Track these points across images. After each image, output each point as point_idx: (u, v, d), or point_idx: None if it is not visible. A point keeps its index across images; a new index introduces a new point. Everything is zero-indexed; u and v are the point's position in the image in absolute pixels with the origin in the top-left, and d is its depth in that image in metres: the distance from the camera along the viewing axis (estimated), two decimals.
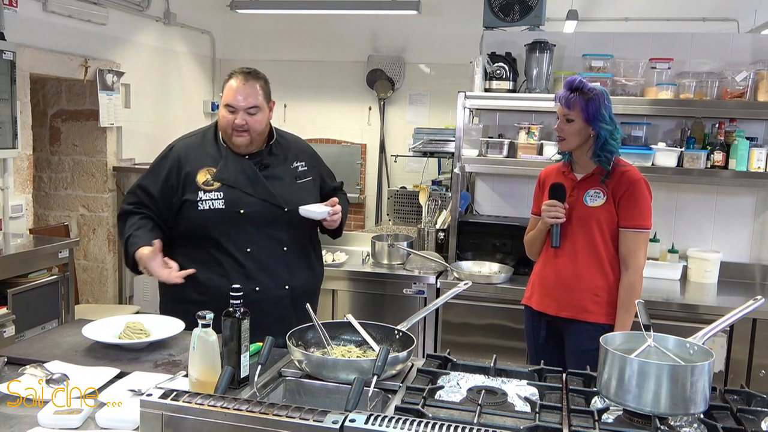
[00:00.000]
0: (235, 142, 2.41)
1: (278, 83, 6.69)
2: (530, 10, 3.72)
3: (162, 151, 2.51)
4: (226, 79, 2.42)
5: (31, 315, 3.46)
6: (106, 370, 1.80)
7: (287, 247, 2.44)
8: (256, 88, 2.41)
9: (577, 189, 2.57)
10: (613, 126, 2.50)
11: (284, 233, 2.43)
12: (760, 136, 3.54)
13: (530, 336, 2.73)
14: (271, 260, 2.39)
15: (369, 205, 6.67)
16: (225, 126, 2.40)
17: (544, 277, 2.65)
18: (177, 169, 2.40)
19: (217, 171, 2.39)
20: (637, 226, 2.50)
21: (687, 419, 1.57)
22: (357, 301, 3.60)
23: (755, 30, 5.13)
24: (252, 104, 2.38)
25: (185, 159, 2.41)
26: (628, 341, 1.73)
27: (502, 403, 1.62)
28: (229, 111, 2.37)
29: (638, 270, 2.50)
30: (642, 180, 2.53)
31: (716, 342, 3.05)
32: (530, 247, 2.78)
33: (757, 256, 3.67)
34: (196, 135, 2.53)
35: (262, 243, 2.39)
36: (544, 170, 2.78)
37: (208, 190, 2.36)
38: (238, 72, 2.41)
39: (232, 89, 2.37)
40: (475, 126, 3.79)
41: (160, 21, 5.65)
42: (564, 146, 2.58)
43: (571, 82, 2.51)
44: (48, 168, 5.23)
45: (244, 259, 2.36)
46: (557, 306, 2.59)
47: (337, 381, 1.76)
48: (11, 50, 3.90)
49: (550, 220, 2.54)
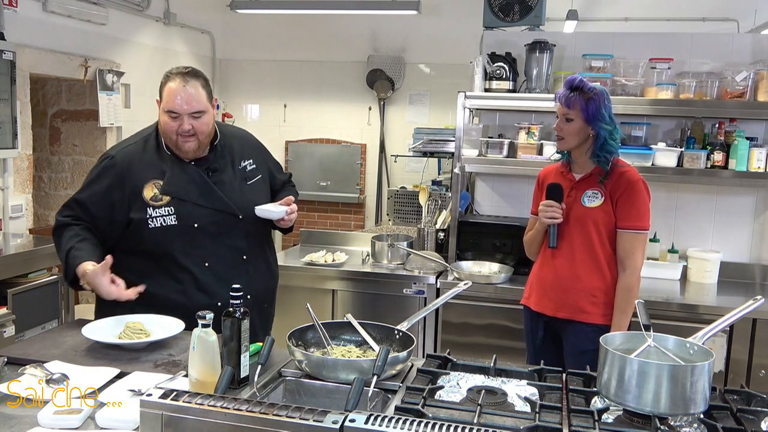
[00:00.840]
0: (183, 149, 2.22)
1: (278, 83, 6.81)
2: (530, 10, 3.72)
3: (98, 162, 2.29)
4: (163, 81, 2.21)
5: (31, 315, 3.46)
6: (106, 370, 1.80)
7: (246, 255, 2.33)
8: (199, 89, 2.19)
9: (575, 189, 2.57)
10: (613, 126, 2.49)
11: (241, 241, 2.31)
12: (760, 136, 3.54)
13: (529, 336, 2.73)
14: (230, 271, 2.26)
15: (369, 205, 6.68)
16: (169, 133, 2.21)
17: (542, 278, 2.65)
18: (119, 184, 2.21)
19: (164, 184, 2.22)
20: (635, 227, 2.49)
21: (687, 419, 1.57)
22: (357, 301, 3.60)
23: (755, 30, 5.14)
24: (196, 108, 2.18)
25: (128, 172, 2.22)
26: (628, 341, 1.73)
27: (502, 403, 1.62)
28: (171, 117, 2.18)
29: (635, 271, 2.50)
30: (640, 181, 2.52)
31: (716, 342, 3.05)
32: (529, 247, 2.78)
33: (757, 256, 3.67)
34: (135, 143, 2.31)
35: (220, 255, 2.27)
36: (543, 170, 2.78)
37: (158, 206, 2.20)
38: (175, 73, 2.20)
39: (172, 93, 2.16)
40: (475, 126, 3.79)
41: (160, 21, 5.66)
42: (563, 145, 2.57)
43: (571, 82, 2.51)
44: (48, 168, 5.23)
45: (202, 275, 2.24)
46: (555, 306, 2.59)
47: (337, 381, 1.75)
48: (11, 50, 3.91)
49: (547, 221, 2.54)
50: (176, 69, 2.23)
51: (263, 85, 6.67)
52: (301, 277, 3.63)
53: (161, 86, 2.22)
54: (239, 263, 2.32)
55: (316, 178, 6.62)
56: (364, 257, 3.78)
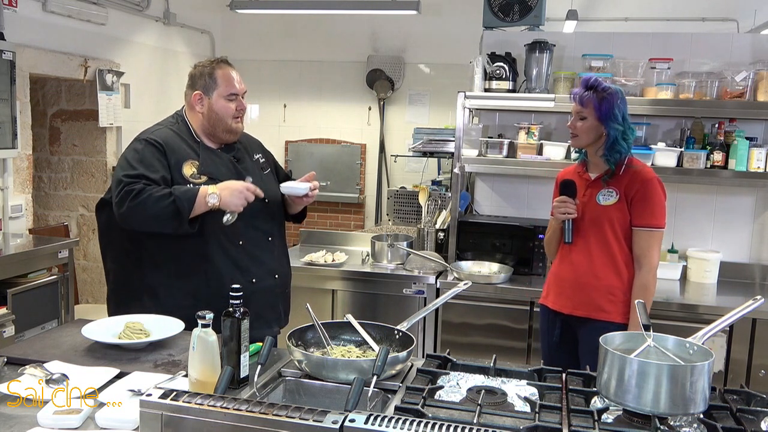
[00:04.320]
0: (237, 130, 2.41)
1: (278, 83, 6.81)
2: (530, 10, 3.72)
3: (137, 143, 2.31)
4: (208, 72, 2.36)
5: (31, 315, 3.46)
6: (105, 370, 1.80)
7: (272, 237, 2.46)
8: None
9: (590, 188, 2.59)
10: (626, 127, 2.51)
11: (267, 223, 2.44)
12: (759, 136, 3.54)
13: (545, 336, 2.73)
14: (259, 252, 2.40)
15: (369, 205, 6.68)
16: (226, 117, 2.36)
17: (560, 276, 2.66)
18: (165, 159, 2.27)
19: (201, 164, 2.31)
20: (650, 225, 2.51)
21: (687, 419, 1.57)
22: (357, 301, 3.60)
23: (755, 30, 5.13)
24: (245, 88, 2.43)
25: (168, 149, 2.29)
26: (627, 341, 1.73)
27: (501, 403, 1.62)
28: (230, 100, 2.36)
29: (652, 269, 2.52)
30: (655, 179, 2.54)
31: (716, 342, 3.05)
32: (548, 247, 2.81)
33: (756, 256, 3.67)
34: (164, 128, 2.39)
35: (251, 235, 2.38)
36: (562, 171, 2.80)
37: (197, 184, 2.26)
38: (220, 61, 2.40)
39: (229, 77, 2.36)
40: (475, 126, 3.79)
41: (159, 21, 5.66)
42: (575, 143, 2.62)
43: (587, 80, 2.54)
44: (48, 168, 5.23)
45: (237, 253, 2.34)
46: (572, 305, 2.60)
47: (337, 381, 1.75)
48: (11, 50, 3.91)
49: (561, 216, 2.57)
50: (211, 59, 2.42)
51: (263, 85, 6.67)
52: (301, 277, 3.62)
53: (204, 77, 2.36)
54: (266, 244, 2.43)
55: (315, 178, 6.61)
56: (364, 257, 3.78)
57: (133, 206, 2.14)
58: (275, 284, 2.45)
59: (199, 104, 2.38)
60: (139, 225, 2.20)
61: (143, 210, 2.14)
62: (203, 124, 2.39)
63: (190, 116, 2.42)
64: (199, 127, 2.40)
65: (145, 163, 2.23)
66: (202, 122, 2.39)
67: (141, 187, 2.15)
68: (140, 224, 2.19)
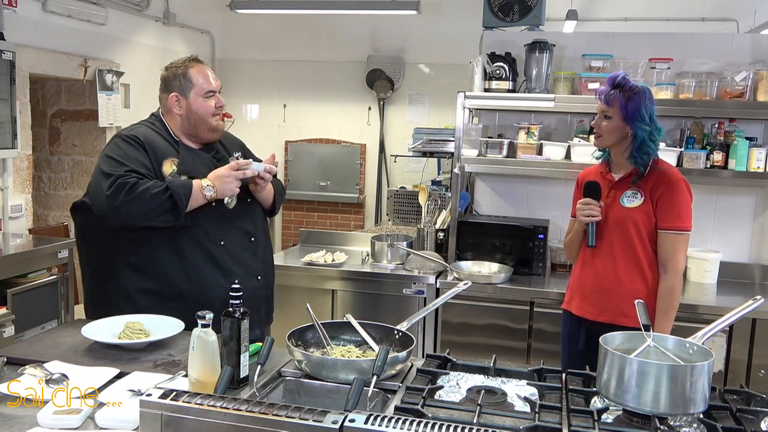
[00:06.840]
0: (220, 128, 2.39)
1: (278, 83, 6.80)
2: (530, 10, 3.72)
3: (118, 140, 2.28)
4: (180, 72, 2.32)
5: (31, 315, 3.46)
6: (105, 370, 1.80)
7: (254, 238, 2.42)
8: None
9: (614, 189, 2.51)
10: (653, 127, 2.41)
11: (249, 224, 2.41)
12: (759, 136, 3.54)
13: (567, 342, 2.66)
14: (242, 252, 2.36)
15: (368, 205, 6.68)
16: (206, 116, 2.33)
17: (583, 281, 2.58)
18: (145, 154, 2.24)
19: (180, 163, 2.28)
20: (677, 227, 2.43)
21: (686, 419, 1.57)
22: (357, 301, 3.60)
23: (755, 30, 5.14)
24: (220, 85, 2.42)
25: (150, 146, 2.26)
26: (627, 341, 1.73)
27: (501, 403, 1.62)
28: (208, 97, 2.33)
29: (678, 273, 2.43)
30: (682, 180, 2.45)
31: (716, 342, 3.05)
32: (569, 249, 2.73)
33: (756, 256, 3.67)
34: (144, 126, 2.36)
35: (233, 235, 2.34)
36: (583, 171, 2.73)
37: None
38: (193, 60, 2.37)
39: (204, 75, 2.34)
40: (475, 126, 3.79)
41: (159, 21, 5.66)
42: (600, 143, 2.53)
43: (614, 78, 2.44)
44: (47, 168, 5.23)
45: (218, 253, 2.29)
46: (596, 311, 2.52)
47: (337, 381, 1.75)
48: (11, 50, 3.91)
49: (585, 219, 2.49)
50: (183, 59, 2.37)
51: (263, 85, 6.67)
52: (300, 277, 3.63)
53: (178, 78, 2.32)
54: (249, 245, 2.40)
55: (315, 178, 6.63)
56: (364, 257, 3.78)
57: (128, 199, 2.10)
58: (258, 285, 2.40)
59: (177, 106, 2.33)
60: (133, 218, 2.14)
61: (139, 203, 2.11)
62: (183, 125, 2.35)
63: (168, 119, 2.37)
64: (179, 128, 2.36)
65: (129, 158, 2.21)
66: (182, 124, 2.35)
67: (135, 181, 2.13)
68: (134, 217, 2.14)
